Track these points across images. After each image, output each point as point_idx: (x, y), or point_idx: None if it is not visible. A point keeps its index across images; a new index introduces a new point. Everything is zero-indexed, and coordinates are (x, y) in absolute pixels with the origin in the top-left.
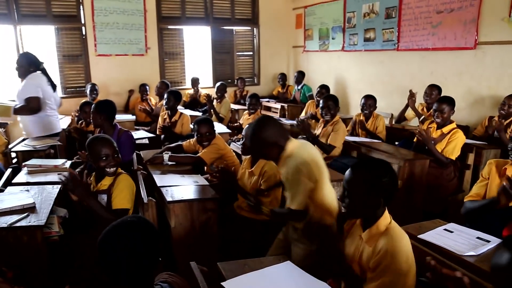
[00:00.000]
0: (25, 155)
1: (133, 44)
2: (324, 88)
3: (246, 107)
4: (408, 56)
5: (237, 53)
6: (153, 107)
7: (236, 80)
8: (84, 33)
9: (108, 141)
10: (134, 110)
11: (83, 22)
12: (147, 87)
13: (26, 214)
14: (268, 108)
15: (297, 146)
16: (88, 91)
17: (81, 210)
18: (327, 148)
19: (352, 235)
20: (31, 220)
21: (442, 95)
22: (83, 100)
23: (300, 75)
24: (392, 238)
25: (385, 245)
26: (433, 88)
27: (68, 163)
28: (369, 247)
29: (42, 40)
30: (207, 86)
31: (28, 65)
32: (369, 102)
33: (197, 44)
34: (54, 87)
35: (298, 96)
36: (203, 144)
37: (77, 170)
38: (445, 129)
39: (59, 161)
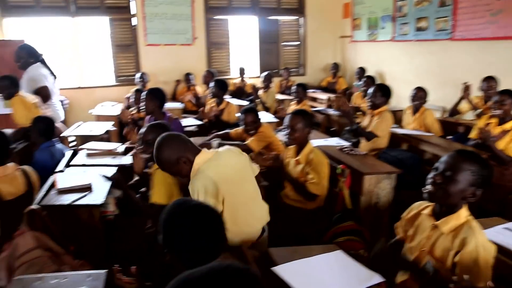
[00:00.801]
0: (82, 139)
1: (181, 34)
2: (369, 78)
3: (291, 97)
4: (464, 46)
5: (283, 43)
6: (199, 96)
7: (282, 70)
8: (134, 23)
9: (167, 129)
10: (181, 99)
11: (134, 12)
12: (192, 76)
13: (85, 193)
14: (314, 99)
15: (204, 161)
16: (138, 80)
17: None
18: (368, 136)
19: (418, 226)
20: (90, 199)
21: (501, 88)
22: (134, 88)
23: (362, 72)
24: (476, 230)
25: (474, 238)
26: (491, 80)
27: (122, 147)
28: (446, 235)
29: (96, 31)
30: (253, 76)
31: (28, 56)
32: (420, 94)
33: (242, 34)
34: (54, 77)
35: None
36: (250, 133)
37: (130, 154)
38: (507, 126)
39: (114, 145)
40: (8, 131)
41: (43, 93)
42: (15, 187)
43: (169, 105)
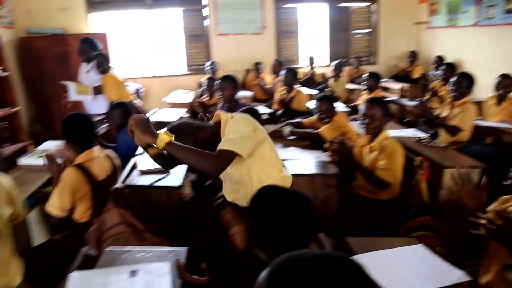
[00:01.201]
0: (158, 125)
1: (251, 23)
2: (449, 66)
3: (361, 87)
4: None
5: (354, 31)
6: (268, 85)
7: (352, 59)
8: (206, 14)
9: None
10: (250, 88)
11: (205, 3)
12: (261, 66)
13: (163, 175)
14: (385, 89)
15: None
16: (207, 68)
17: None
18: (452, 130)
19: None
20: (168, 182)
21: None
22: (204, 77)
23: (440, 60)
24: None
25: None
26: None
27: None
28: None
29: (170, 22)
30: (322, 65)
31: (92, 49)
32: (505, 82)
33: (311, 22)
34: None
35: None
36: (324, 121)
37: None
38: None
39: None
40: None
41: None
42: (103, 169)
43: (239, 93)
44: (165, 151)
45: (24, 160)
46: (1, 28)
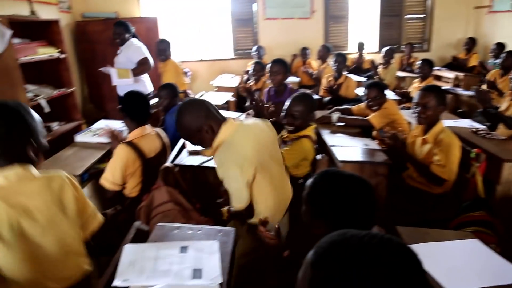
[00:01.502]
0: None
1: (299, 7)
2: (510, 54)
3: (412, 75)
4: None
5: (407, 16)
6: (314, 71)
7: (403, 46)
8: None
9: (304, 100)
10: (296, 74)
11: None
12: (308, 51)
13: (212, 157)
14: (438, 78)
15: (231, 132)
16: (254, 53)
17: None
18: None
19: None
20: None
21: None
22: (251, 61)
23: (500, 48)
24: None
25: None
26: None
27: (243, 116)
28: None
29: (218, 7)
30: (372, 51)
31: (126, 32)
32: None
33: (362, 6)
34: None
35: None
36: (373, 109)
37: None
38: None
39: (235, 114)
40: None
41: (147, 64)
42: (154, 146)
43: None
44: None
45: (79, 138)
46: (60, 13)
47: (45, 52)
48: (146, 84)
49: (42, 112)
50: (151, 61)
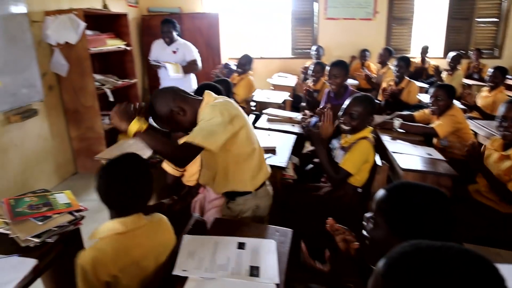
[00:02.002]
0: (262, 105)
1: (362, 7)
2: None
3: (479, 83)
4: None
5: (477, 19)
6: (372, 74)
7: (471, 51)
8: None
9: (364, 102)
10: (354, 76)
11: None
12: (368, 53)
13: (269, 155)
14: (510, 87)
15: (214, 98)
16: (313, 53)
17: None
18: None
19: None
20: (274, 161)
21: None
22: (308, 61)
23: None
24: None
25: None
26: None
27: (300, 117)
28: None
29: (278, 4)
30: (436, 56)
31: (174, 30)
32: None
33: (429, 8)
34: None
35: None
36: (437, 113)
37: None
38: None
39: (293, 114)
40: None
41: (198, 65)
42: None
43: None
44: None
45: None
46: (128, 7)
47: (113, 44)
48: (192, 84)
49: (106, 100)
50: (200, 63)
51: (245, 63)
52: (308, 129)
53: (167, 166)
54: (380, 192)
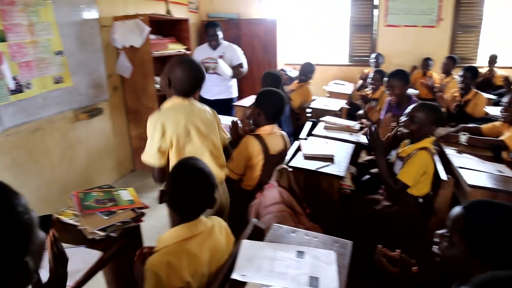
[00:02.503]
0: (318, 112)
1: (425, 14)
2: None
3: None
4: None
5: None
6: (435, 84)
7: None
8: (376, 3)
9: (429, 109)
10: (415, 85)
11: None
12: (431, 62)
13: (327, 163)
14: None
15: (168, 105)
16: (372, 61)
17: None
18: None
19: None
20: (333, 170)
21: None
22: (367, 69)
23: None
24: None
25: None
26: None
27: (357, 125)
28: None
29: (337, 11)
30: (506, 65)
31: (221, 32)
32: None
33: (500, 14)
34: None
35: None
36: (505, 117)
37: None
38: None
39: (351, 122)
40: None
41: (244, 69)
42: (278, 146)
43: None
44: None
45: None
46: (189, 12)
47: (174, 48)
48: (233, 89)
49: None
50: (246, 65)
51: (307, 71)
52: (373, 134)
53: (227, 169)
54: (457, 210)
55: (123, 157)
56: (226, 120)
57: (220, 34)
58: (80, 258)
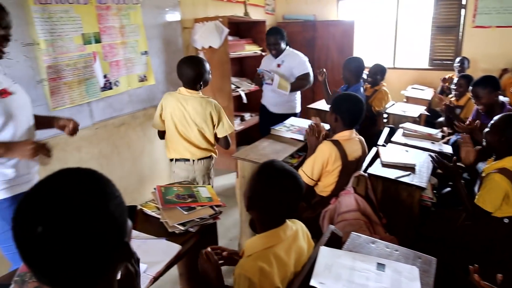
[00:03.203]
0: (395, 118)
1: None
2: None
3: None
4: None
5: None
6: None
7: None
8: (464, 2)
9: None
10: (504, 92)
11: None
12: None
13: (408, 173)
14: None
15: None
16: (456, 65)
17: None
18: None
19: None
20: (413, 180)
21: None
22: (449, 73)
23: None
24: None
25: None
26: None
27: (439, 134)
28: None
29: (420, 11)
30: None
31: (282, 40)
32: None
33: None
34: None
35: None
36: None
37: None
38: None
39: (433, 130)
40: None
41: (307, 80)
42: (356, 151)
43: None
44: None
45: (275, 131)
46: (265, 14)
47: (250, 49)
48: (296, 104)
49: (240, 102)
50: (312, 77)
51: (376, 72)
52: (440, 163)
53: (302, 174)
54: None
55: None
56: (303, 123)
57: (282, 43)
58: (161, 250)
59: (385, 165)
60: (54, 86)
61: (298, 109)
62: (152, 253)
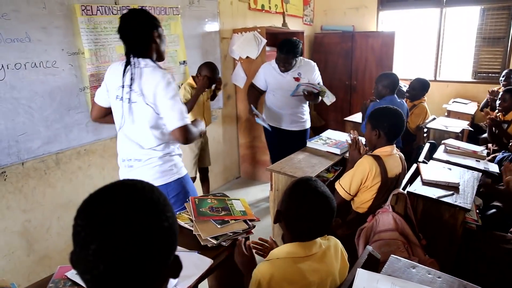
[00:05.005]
0: (436, 133)
1: None
2: None
3: None
4: None
5: None
6: None
7: None
8: None
9: None
10: None
11: None
12: None
13: (451, 192)
14: None
15: None
16: (501, 78)
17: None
18: None
19: None
20: (457, 200)
21: None
22: (493, 87)
23: None
24: None
25: None
26: None
27: (485, 151)
28: None
29: (464, 22)
30: None
31: (295, 57)
32: None
33: None
34: None
35: None
36: None
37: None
38: None
39: (478, 148)
40: None
41: None
42: (396, 168)
43: None
44: None
45: (311, 144)
46: (303, 25)
47: None
48: (302, 121)
49: None
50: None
51: (416, 87)
52: (486, 187)
53: (339, 188)
54: None
55: (230, 163)
56: (339, 136)
57: (295, 58)
58: (192, 263)
59: (426, 183)
60: None
61: (307, 125)
62: (184, 266)
